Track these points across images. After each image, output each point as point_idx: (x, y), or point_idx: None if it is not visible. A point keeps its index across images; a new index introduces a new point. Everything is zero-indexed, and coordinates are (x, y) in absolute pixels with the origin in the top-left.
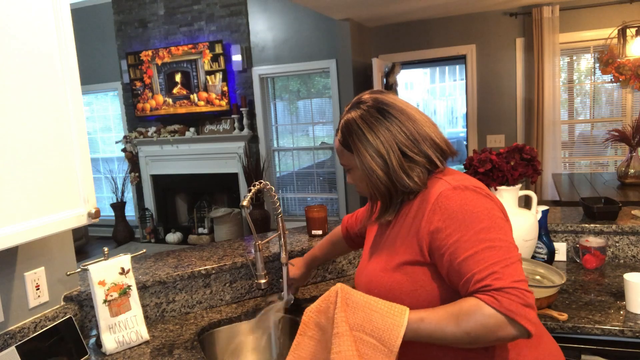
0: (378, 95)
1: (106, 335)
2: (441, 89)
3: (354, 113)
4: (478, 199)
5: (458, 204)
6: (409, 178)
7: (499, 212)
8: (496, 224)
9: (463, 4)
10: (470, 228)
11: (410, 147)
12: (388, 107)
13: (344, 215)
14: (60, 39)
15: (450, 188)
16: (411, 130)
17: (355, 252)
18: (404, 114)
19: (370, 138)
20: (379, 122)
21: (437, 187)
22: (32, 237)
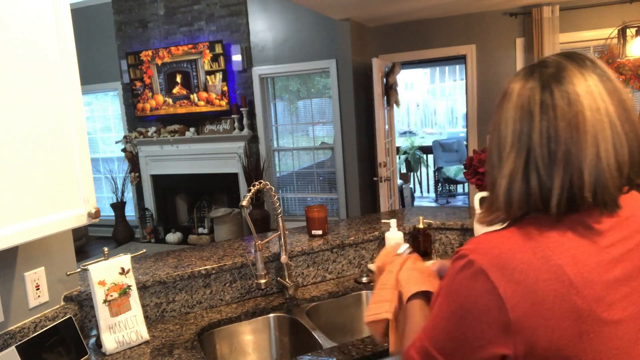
0: (569, 64)
1: (106, 335)
2: (441, 89)
3: (522, 78)
4: (467, 284)
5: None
6: (506, 203)
7: (470, 307)
8: (459, 318)
9: (463, 4)
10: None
11: (540, 161)
12: (559, 85)
13: (344, 215)
14: (60, 39)
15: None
16: (559, 138)
17: (354, 253)
18: (571, 109)
19: (504, 118)
20: (532, 98)
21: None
22: (32, 237)
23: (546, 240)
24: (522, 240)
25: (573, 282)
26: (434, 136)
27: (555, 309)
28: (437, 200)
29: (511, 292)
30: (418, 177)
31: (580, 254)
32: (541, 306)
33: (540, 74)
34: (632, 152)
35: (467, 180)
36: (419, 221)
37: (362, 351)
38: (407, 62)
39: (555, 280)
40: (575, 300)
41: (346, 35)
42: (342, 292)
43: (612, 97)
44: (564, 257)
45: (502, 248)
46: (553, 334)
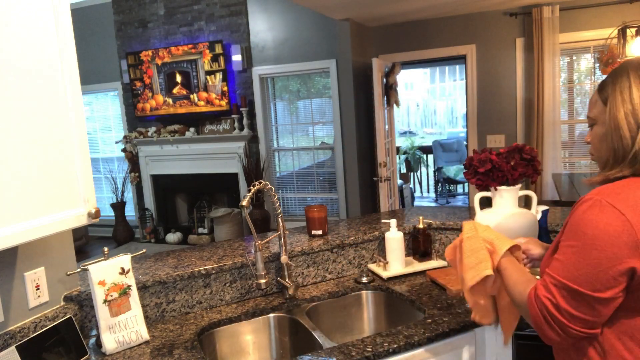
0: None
1: (106, 335)
2: (441, 89)
3: (633, 69)
4: (596, 217)
5: (581, 218)
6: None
7: (602, 234)
8: (589, 247)
9: (463, 4)
10: (568, 238)
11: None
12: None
13: (344, 215)
14: (60, 39)
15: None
16: None
17: (354, 253)
18: None
19: (634, 95)
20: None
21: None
22: (32, 237)
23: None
24: (634, 184)
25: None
26: (434, 136)
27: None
28: (437, 200)
29: (637, 219)
30: (418, 177)
31: None
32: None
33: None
34: None
35: (467, 180)
36: (419, 221)
37: (362, 351)
38: (407, 62)
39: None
40: None
41: (346, 35)
42: (342, 292)
43: None
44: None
45: (620, 190)
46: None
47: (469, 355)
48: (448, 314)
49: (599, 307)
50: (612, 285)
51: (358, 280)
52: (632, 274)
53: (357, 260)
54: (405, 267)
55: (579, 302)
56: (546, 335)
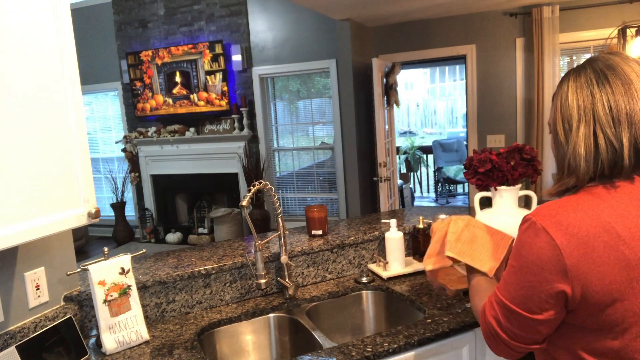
0: (611, 55)
1: (106, 335)
2: (441, 89)
3: (575, 71)
4: (530, 241)
5: (520, 239)
6: (577, 167)
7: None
8: (525, 269)
9: (463, 4)
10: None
11: (606, 126)
12: (609, 69)
13: (344, 215)
14: (60, 39)
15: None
16: (619, 105)
17: (354, 253)
18: (624, 84)
19: (568, 99)
20: (588, 83)
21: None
22: (32, 237)
23: (597, 201)
24: (576, 203)
25: (621, 235)
26: (434, 136)
27: (604, 257)
28: (437, 200)
29: (566, 243)
30: (418, 177)
31: (629, 213)
32: (592, 254)
33: (590, 64)
34: None
35: (467, 180)
36: (419, 221)
37: (362, 351)
38: (407, 62)
39: (604, 233)
40: (623, 250)
41: (346, 35)
42: (342, 292)
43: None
44: (612, 215)
45: (558, 210)
46: (604, 278)
47: (469, 355)
48: (448, 314)
49: (536, 326)
50: (545, 307)
51: (358, 280)
52: (566, 297)
53: (357, 260)
54: (405, 267)
55: (518, 321)
56: (494, 350)
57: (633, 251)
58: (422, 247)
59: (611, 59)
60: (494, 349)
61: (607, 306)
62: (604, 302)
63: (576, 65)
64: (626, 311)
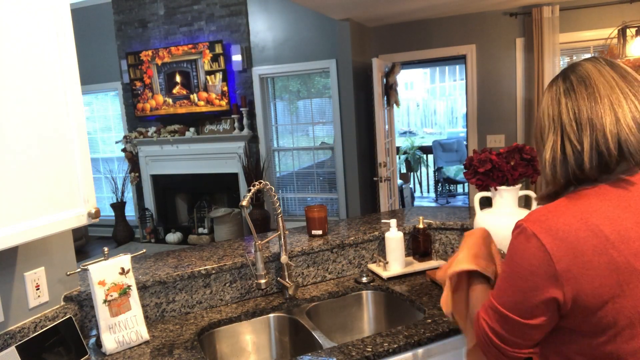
0: (586, 62)
1: (106, 335)
2: (441, 89)
3: (555, 78)
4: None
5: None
6: (552, 174)
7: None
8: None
9: (463, 4)
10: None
11: (570, 133)
12: (577, 77)
13: (344, 215)
14: (60, 39)
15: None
16: (581, 109)
17: (354, 253)
18: (587, 89)
19: (542, 108)
20: (557, 92)
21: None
22: (32, 237)
23: (586, 205)
24: (565, 207)
25: (609, 238)
26: (434, 136)
27: (594, 261)
28: (437, 200)
29: (556, 248)
30: (418, 177)
31: (617, 216)
32: (582, 258)
33: (563, 73)
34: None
35: (467, 180)
36: (419, 221)
37: (362, 351)
38: (407, 62)
39: (592, 237)
40: (612, 253)
41: (346, 35)
42: (342, 292)
43: (622, 77)
44: (601, 218)
45: (548, 215)
46: (594, 282)
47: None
48: None
49: (528, 331)
50: (537, 313)
51: (358, 280)
52: (557, 302)
53: (357, 260)
54: (405, 267)
55: (510, 326)
56: (487, 356)
57: (621, 254)
58: (422, 247)
59: (582, 65)
60: (487, 355)
61: (598, 309)
62: (595, 306)
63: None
64: (617, 314)
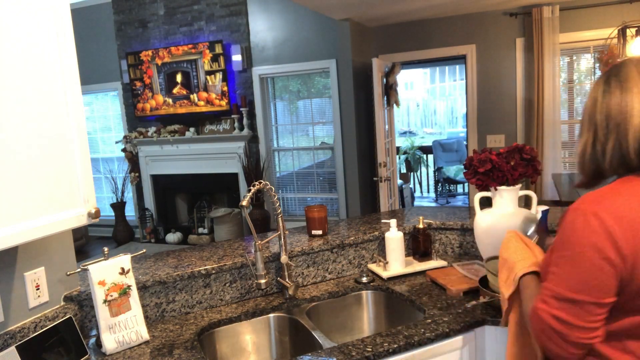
0: (628, 62)
1: (106, 335)
2: (441, 89)
3: (603, 74)
4: (581, 226)
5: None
6: (581, 165)
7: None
8: (580, 256)
9: (463, 4)
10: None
11: (600, 129)
12: (616, 75)
13: (344, 215)
14: (60, 40)
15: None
16: (612, 110)
17: (354, 253)
18: (622, 90)
19: (588, 98)
20: (598, 86)
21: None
22: (32, 237)
23: (630, 185)
24: (617, 190)
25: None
26: (434, 136)
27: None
28: (437, 200)
29: (618, 226)
30: (418, 177)
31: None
32: (639, 234)
33: (608, 72)
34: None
35: (467, 180)
36: (419, 221)
37: (362, 351)
38: (407, 62)
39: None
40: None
41: (346, 35)
42: (342, 292)
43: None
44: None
45: (604, 196)
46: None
47: (469, 355)
48: (448, 314)
49: (595, 311)
50: (605, 290)
51: (358, 280)
52: (621, 274)
53: (357, 260)
54: (405, 267)
55: (578, 309)
56: (549, 349)
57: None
58: (422, 247)
59: (625, 66)
60: (548, 347)
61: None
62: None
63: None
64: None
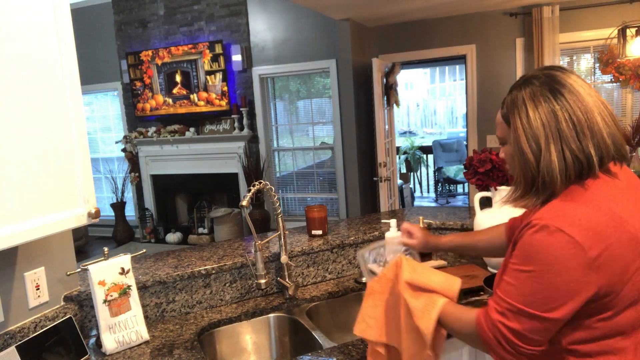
0: (554, 72)
1: (106, 335)
2: (441, 89)
3: (524, 88)
4: (546, 243)
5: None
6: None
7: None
8: (545, 272)
9: (463, 4)
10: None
11: (571, 141)
12: (561, 87)
13: (344, 215)
14: (60, 40)
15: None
16: (580, 119)
17: (354, 253)
18: (578, 99)
19: (531, 118)
20: (547, 102)
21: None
22: (32, 237)
23: (590, 194)
24: (575, 201)
25: (622, 217)
26: (434, 136)
27: (618, 241)
28: (437, 200)
29: (585, 237)
30: (418, 177)
31: (617, 197)
32: (608, 242)
33: (539, 80)
34: (616, 122)
35: (467, 180)
36: (419, 221)
37: (362, 351)
38: (407, 62)
39: (610, 220)
40: (629, 229)
41: (346, 35)
42: (342, 292)
43: (590, 88)
44: (608, 201)
45: (564, 209)
46: (622, 260)
47: (468, 356)
48: None
49: (551, 326)
50: (567, 304)
51: (358, 280)
52: (592, 289)
53: (357, 260)
54: None
55: (533, 324)
56: (496, 353)
57: (635, 228)
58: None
59: (552, 73)
60: (499, 354)
61: (625, 284)
62: (624, 282)
63: (517, 82)
64: (634, 285)
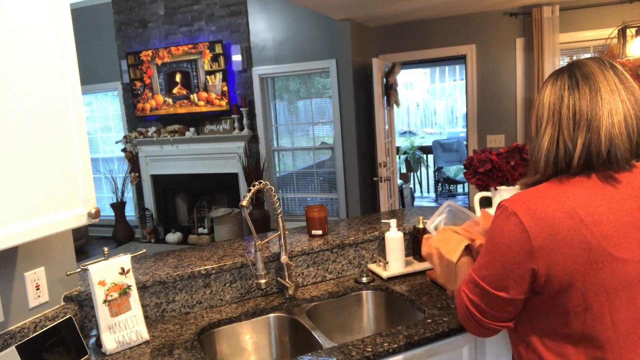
0: (590, 62)
1: (106, 335)
2: (441, 89)
3: (559, 71)
4: (502, 224)
5: (493, 222)
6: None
7: (505, 240)
8: (496, 251)
9: (463, 4)
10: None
11: (565, 128)
12: (585, 78)
13: (344, 215)
14: (60, 40)
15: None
16: (582, 109)
17: (354, 253)
18: (591, 89)
19: (544, 96)
20: (561, 87)
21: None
22: (32, 237)
23: (564, 190)
24: (545, 191)
25: (583, 220)
26: (434, 136)
27: (567, 239)
28: (437, 200)
29: (533, 226)
30: (418, 177)
31: (592, 201)
32: (556, 237)
33: (569, 68)
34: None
35: (467, 180)
36: (419, 221)
37: (362, 351)
38: (407, 62)
39: (568, 218)
40: (585, 234)
41: (346, 35)
42: (342, 292)
43: (622, 82)
44: (577, 202)
45: (529, 197)
46: (566, 259)
47: (469, 355)
48: (448, 314)
49: (504, 305)
50: (512, 286)
51: (358, 280)
52: (533, 276)
53: (357, 260)
54: (405, 267)
55: (487, 299)
56: (467, 327)
57: (594, 235)
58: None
59: (588, 65)
60: (467, 327)
61: (569, 286)
62: (567, 282)
63: (560, 67)
64: (586, 291)
